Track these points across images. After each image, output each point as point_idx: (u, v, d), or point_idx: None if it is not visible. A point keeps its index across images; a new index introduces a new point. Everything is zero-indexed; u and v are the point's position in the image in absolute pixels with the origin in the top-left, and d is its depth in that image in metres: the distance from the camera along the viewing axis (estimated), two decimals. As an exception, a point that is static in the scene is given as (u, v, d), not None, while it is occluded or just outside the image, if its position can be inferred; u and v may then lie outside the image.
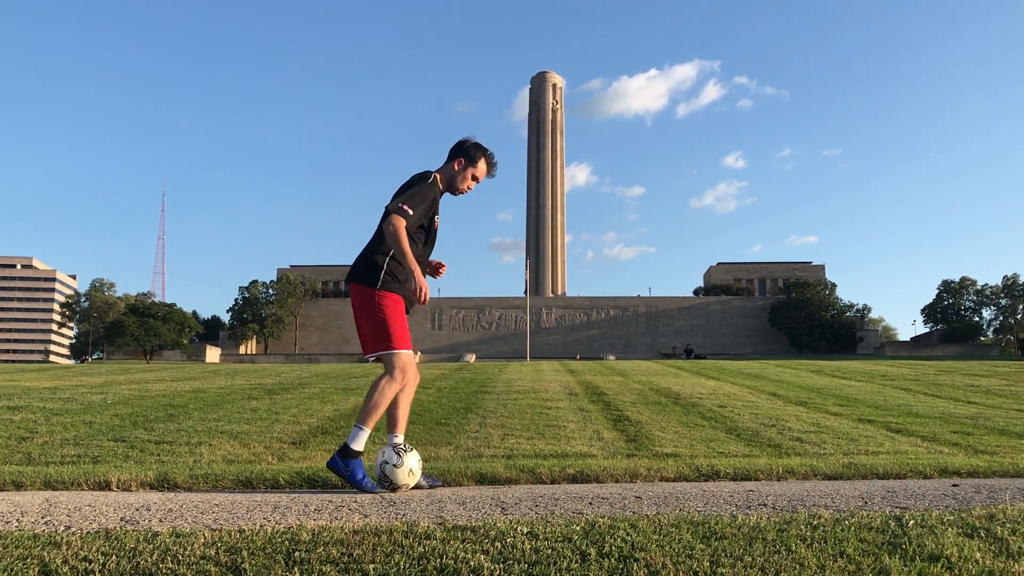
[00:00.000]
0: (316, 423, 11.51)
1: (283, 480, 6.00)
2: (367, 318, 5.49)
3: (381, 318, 5.43)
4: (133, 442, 9.18)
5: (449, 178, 5.72)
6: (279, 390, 18.55)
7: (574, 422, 11.79)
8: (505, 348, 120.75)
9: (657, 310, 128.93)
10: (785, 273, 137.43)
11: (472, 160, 5.69)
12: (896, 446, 9.58)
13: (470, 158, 5.69)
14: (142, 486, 5.84)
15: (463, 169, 5.70)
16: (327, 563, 3.15)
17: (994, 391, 19.81)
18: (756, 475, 6.45)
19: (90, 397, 15.68)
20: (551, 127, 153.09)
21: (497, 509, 4.50)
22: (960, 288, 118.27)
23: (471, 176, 5.72)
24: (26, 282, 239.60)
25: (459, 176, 5.70)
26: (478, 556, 3.23)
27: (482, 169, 5.74)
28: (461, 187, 5.73)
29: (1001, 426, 11.90)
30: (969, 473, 6.77)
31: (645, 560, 3.20)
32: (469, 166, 5.70)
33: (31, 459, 7.97)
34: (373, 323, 5.47)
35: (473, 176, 5.72)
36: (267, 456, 8.28)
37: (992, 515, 4.08)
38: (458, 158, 5.71)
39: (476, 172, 5.72)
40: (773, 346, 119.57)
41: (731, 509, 4.47)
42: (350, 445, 5.41)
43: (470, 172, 5.70)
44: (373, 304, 5.45)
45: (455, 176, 5.71)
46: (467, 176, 5.71)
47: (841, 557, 3.26)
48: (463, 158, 5.70)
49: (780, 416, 12.96)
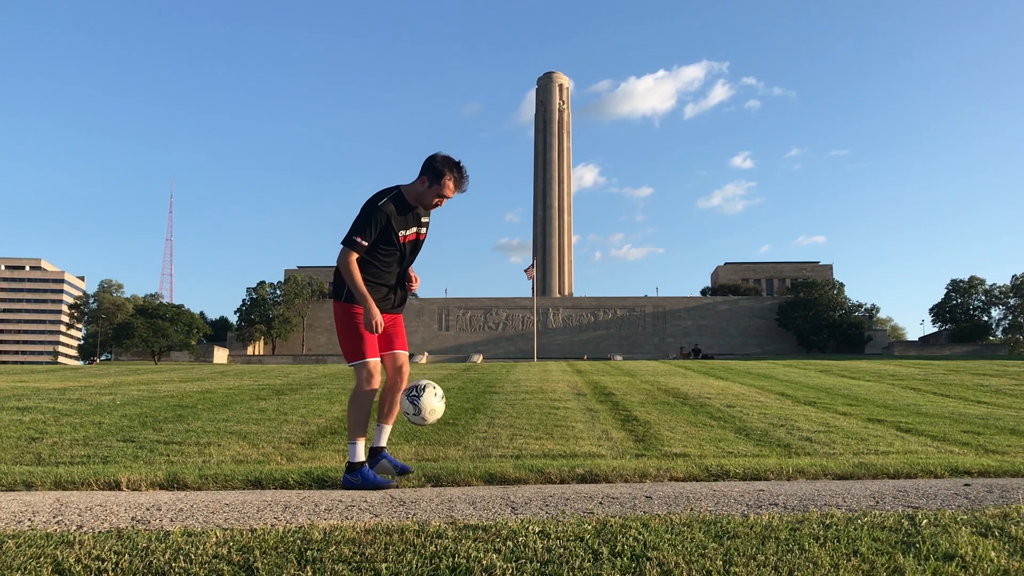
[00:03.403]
0: (324, 423, 11.52)
1: (293, 480, 6.01)
2: (339, 330, 5.89)
3: (349, 330, 5.78)
4: (142, 442, 9.21)
5: (418, 194, 5.75)
6: (287, 391, 18.57)
7: (582, 422, 11.77)
8: (512, 349, 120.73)
9: (664, 310, 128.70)
10: (793, 273, 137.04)
11: (437, 178, 5.66)
12: (906, 446, 9.54)
13: (435, 176, 5.66)
14: (152, 486, 5.85)
15: (428, 187, 5.70)
16: (339, 562, 3.15)
17: (1004, 391, 19.72)
18: (766, 475, 6.43)
19: (99, 398, 15.72)
20: (558, 127, 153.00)
21: (507, 509, 4.49)
22: (969, 287, 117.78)
23: (437, 194, 5.71)
24: (35, 283, 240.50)
25: (426, 194, 5.72)
26: (490, 555, 3.23)
27: (449, 187, 5.70)
28: (429, 204, 5.77)
29: (1012, 426, 11.85)
30: (980, 473, 6.74)
31: (658, 559, 3.19)
32: (434, 184, 5.68)
33: (41, 459, 7.99)
34: (343, 334, 5.84)
35: (439, 194, 5.71)
36: (276, 456, 8.29)
37: (1006, 514, 4.05)
38: (423, 176, 5.71)
39: (442, 191, 5.69)
40: (781, 346, 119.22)
41: (742, 508, 4.46)
42: (352, 461, 5.74)
43: (435, 191, 5.69)
44: (341, 317, 5.83)
45: (423, 194, 5.73)
46: (432, 194, 5.71)
47: (855, 556, 3.24)
48: (427, 176, 5.69)
49: (789, 416, 12.93)
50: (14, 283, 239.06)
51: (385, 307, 5.88)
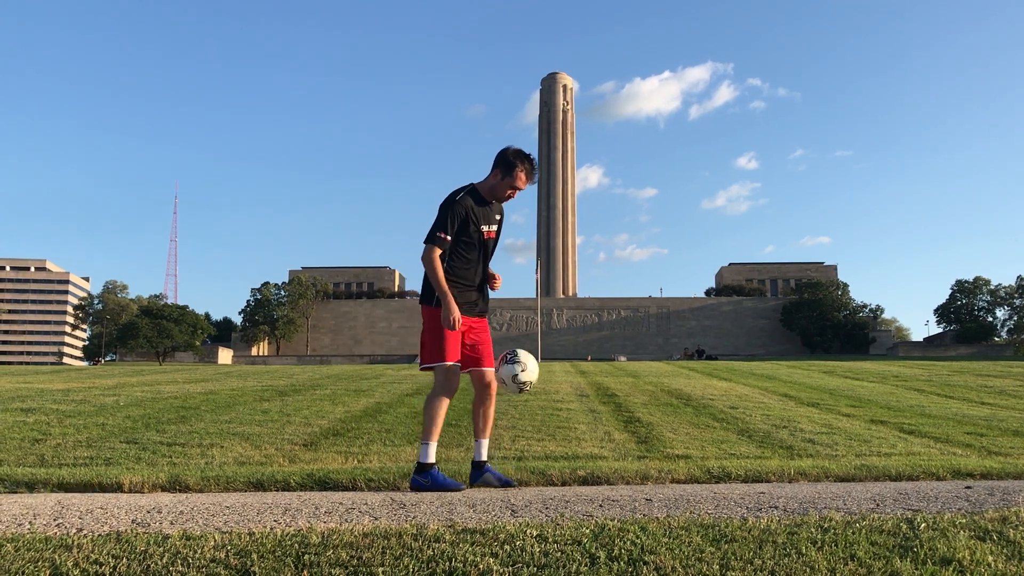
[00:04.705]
0: (328, 425, 11.53)
1: (294, 482, 6.02)
2: (424, 332, 6.01)
3: (433, 331, 5.87)
4: (145, 444, 9.23)
5: (490, 188, 5.93)
6: (291, 392, 18.60)
7: (585, 424, 11.78)
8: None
9: (668, 311, 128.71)
10: (797, 273, 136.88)
11: (510, 170, 5.85)
12: (909, 447, 9.52)
13: (507, 168, 5.85)
14: (154, 488, 5.87)
15: (501, 180, 5.89)
16: (336, 566, 3.16)
17: (1008, 392, 19.67)
18: (768, 477, 6.42)
19: (103, 399, 15.76)
20: (561, 128, 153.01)
21: (507, 511, 4.49)
22: (974, 288, 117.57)
23: (510, 186, 5.88)
24: (40, 284, 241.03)
25: (499, 186, 5.90)
26: (487, 559, 3.23)
27: (521, 179, 5.89)
28: (502, 196, 5.95)
29: (1015, 427, 11.82)
30: (983, 475, 6.72)
31: (655, 563, 3.19)
32: (507, 176, 5.87)
33: (44, 461, 8.01)
34: (426, 336, 5.97)
35: (512, 186, 5.88)
36: (278, 458, 8.30)
37: (1005, 518, 4.05)
38: (496, 169, 5.90)
39: (515, 182, 5.87)
40: (785, 347, 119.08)
41: (742, 511, 4.45)
42: (421, 461, 5.77)
43: (507, 182, 5.87)
44: (428, 319, 5.93)
45: (495, 186, 5.92)
46: (505, 186, 5.89)
47: (852, 560, 3.24)
48: (500, 169, 5.88)
49: (792, 417, 12.91)
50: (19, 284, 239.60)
51: (472, 312, 6.00)
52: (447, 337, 5.82)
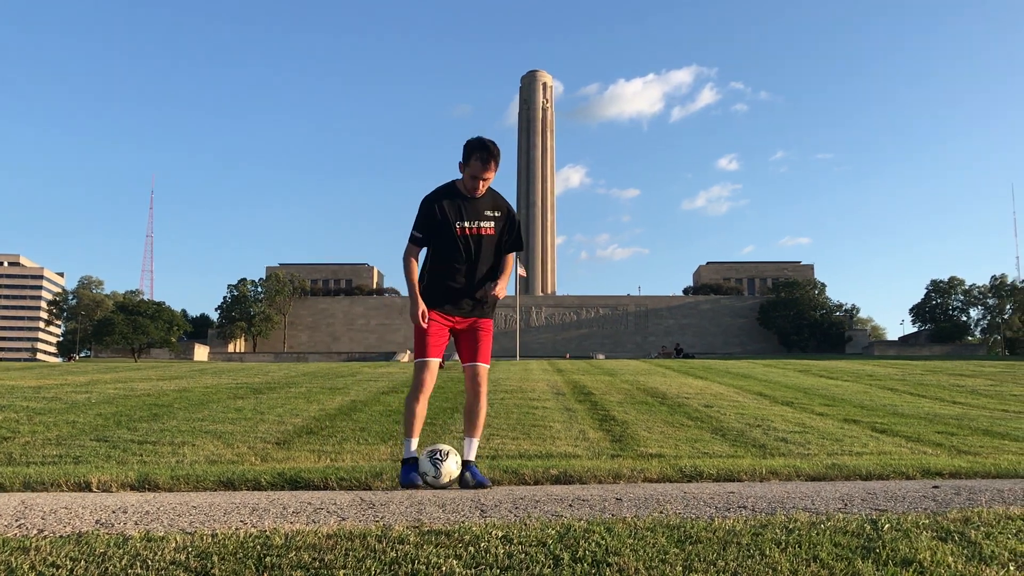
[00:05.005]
0: (301, 423, 11.47)
1: (265, 481, 5.97)
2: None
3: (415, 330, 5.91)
4: (116, 442, 9.14)
5: (463, 182, 5.89)
6: (265, 389, 18.48)
7: (560, 422, 11.78)
8: (494, 347, 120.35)
9: (647, 309, 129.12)
10: (774, 273, 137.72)
11: (467, 160, 5.80)
12: (880, 446, 9.61)
13: (465, 159, 5.81)
14: (123, 487, 5.81)
15: (464, 171, 5.85)
16: (298, 568, 3.13)
17: (979, 391, 19.90)
18: (739, 476, 6.45)
19: (74, 396, 15.59)
20: (541, 126, 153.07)
21: (476, 512, 4.47)
22: (949, 288, 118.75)
23: (471, 175, 5.80)
24: (13, 280, 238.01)
25: (465, 178, 5.85)
26: (450, 561, 3.21)
27: (477, 167, 5.76)
28: (472, 188, 5.86)
29: (985, 426, 11.96)
30: (951, 474, 6.79)
31: (618, 565, 3.18)
32: (465, 167, 5.82)
33: (11, 459, 7.92)
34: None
35: (473, 175, 5.79)
36: (250, 456, 8.24)
37: (967, 518, 4.08)
38: (459, 161, 5.86)
39: (472, 171, 5.78)
40: (762, 345, 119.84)
41: (710, 512, 4.46)
42: (403, 456, 5.87)
43: (468, 172, 5.81)
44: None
45: (464, 179, 5.87)
46: (468, 176, 5.82)
47: (815, 562, 3.25)
48: (461, 161, 5.84)
49: (766, 416, 12.99)
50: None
51: (460, 311, 5.97)
52: (420, 334, 5.84)
